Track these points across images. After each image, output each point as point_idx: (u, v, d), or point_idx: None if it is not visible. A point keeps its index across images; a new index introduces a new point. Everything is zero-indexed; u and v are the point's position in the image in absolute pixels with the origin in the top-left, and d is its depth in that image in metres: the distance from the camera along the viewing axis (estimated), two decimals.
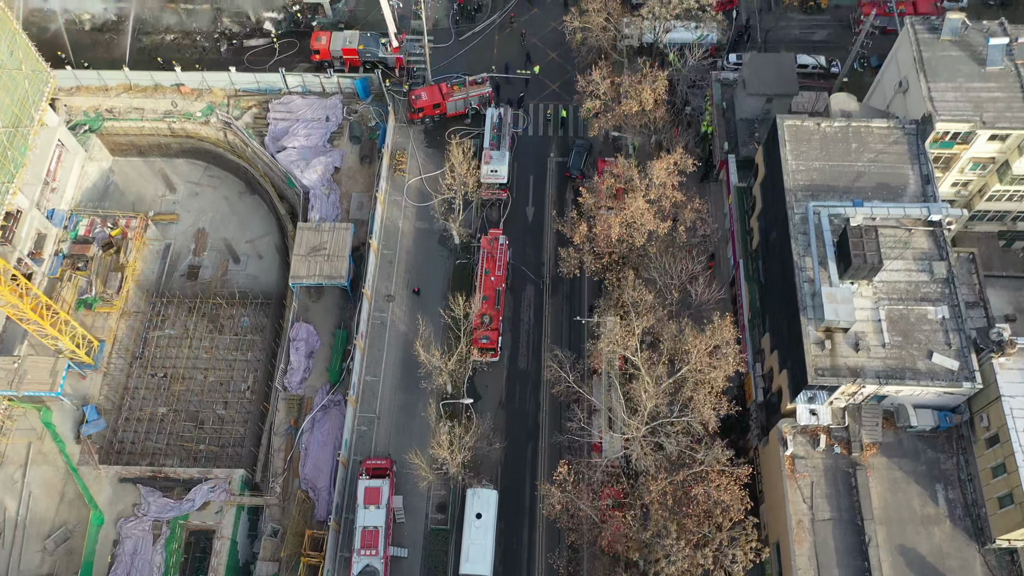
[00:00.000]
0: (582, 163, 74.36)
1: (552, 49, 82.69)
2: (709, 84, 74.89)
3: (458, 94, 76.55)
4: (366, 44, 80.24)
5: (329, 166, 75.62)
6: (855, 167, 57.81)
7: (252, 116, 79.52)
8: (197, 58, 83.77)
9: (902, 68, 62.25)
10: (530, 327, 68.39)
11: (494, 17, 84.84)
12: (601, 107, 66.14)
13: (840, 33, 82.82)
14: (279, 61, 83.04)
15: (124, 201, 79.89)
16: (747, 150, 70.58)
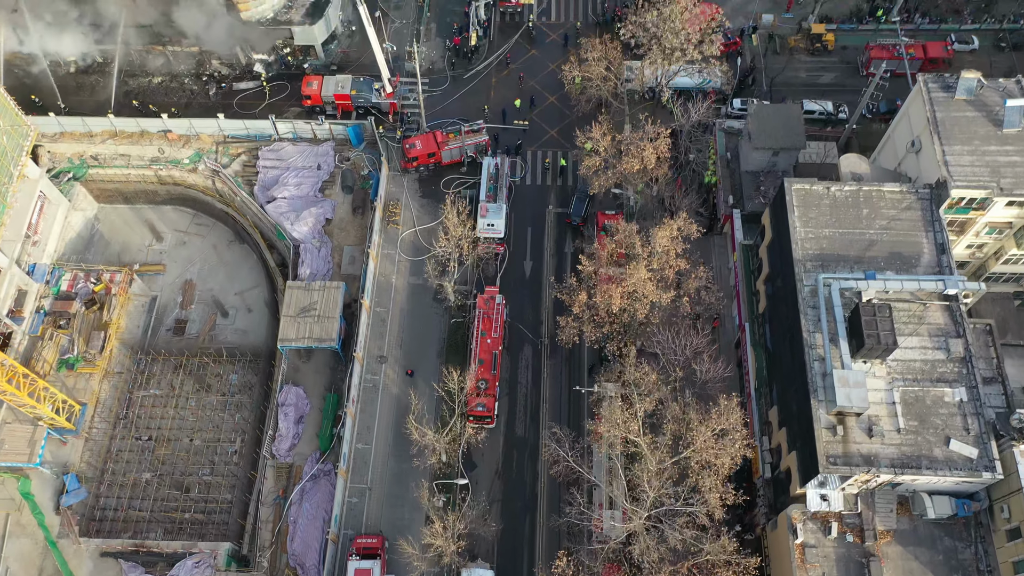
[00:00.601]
0: (583, 211, 71.85)
1: (551, 92, 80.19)
2: (713, 132, 72.55)
3: (453, 142, 74.09)
4: (359, 89, 77.80)
5: (320, 217, 73.14)
6: (867, 235, 55.33)
7: (241, 163, 77.09)
8: (185, 102, 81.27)
9: (915, 127, 59.79)
10: (528, 390, 65.90)
11: (491, 59, 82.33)
12: (601, 164, 63.64)
13: (848, 75, 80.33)
14: (269, 105, 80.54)
15: (109, 251, 77.47)
16: (753, 204, 68.16)
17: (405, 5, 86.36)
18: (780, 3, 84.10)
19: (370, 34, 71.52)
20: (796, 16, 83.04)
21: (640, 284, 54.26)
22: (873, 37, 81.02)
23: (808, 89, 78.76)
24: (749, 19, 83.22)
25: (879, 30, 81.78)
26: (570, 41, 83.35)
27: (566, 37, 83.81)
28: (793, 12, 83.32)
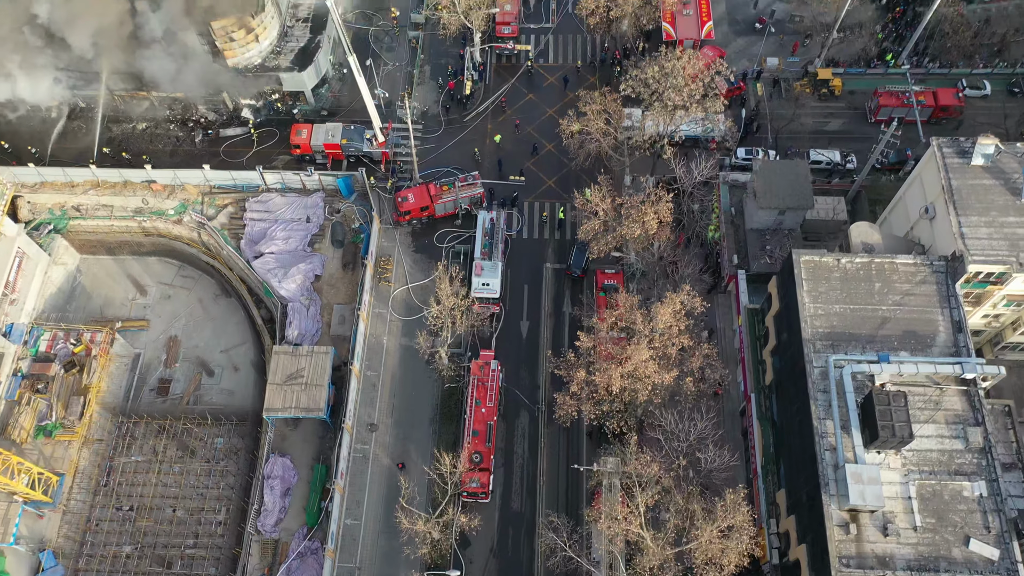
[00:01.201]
0: (584, 262, 69.15)
1: (549, 139, 77.51)
2: (716, 186, 69.94)
3: (447, 195, 71.47)
4: (349, 138, 75.14)
5: (309, 274, 70.48)
6: (879, 311, 52.66)
7: (228, 215, 74.42)
8: (171, 149, 78.66)
9: (928, 192, 57.15)
10: (524, 461, 63.22)
11: (486, 104, 79.65)
12: (601, 227, 60.98)
13: (855, 122, 77.67)
14: (257, 153, 77.89)
15: (91, 305, 74.78)
16: (759, 265, 65.53)
17: (398, 47, 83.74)
18: (785, 45, 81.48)
19: (360, 84, 68.90)
20: (802, 59, 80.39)
21: (641, 365, 51.59)
22: (882, 82, 78.31)
23: (814, 137, 76.07)
24: (753, 62, 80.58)
25: (887, 74, 79.15)
26: (570, 84, 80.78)
27: (566, 80, 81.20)
28: (799, 55, 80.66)
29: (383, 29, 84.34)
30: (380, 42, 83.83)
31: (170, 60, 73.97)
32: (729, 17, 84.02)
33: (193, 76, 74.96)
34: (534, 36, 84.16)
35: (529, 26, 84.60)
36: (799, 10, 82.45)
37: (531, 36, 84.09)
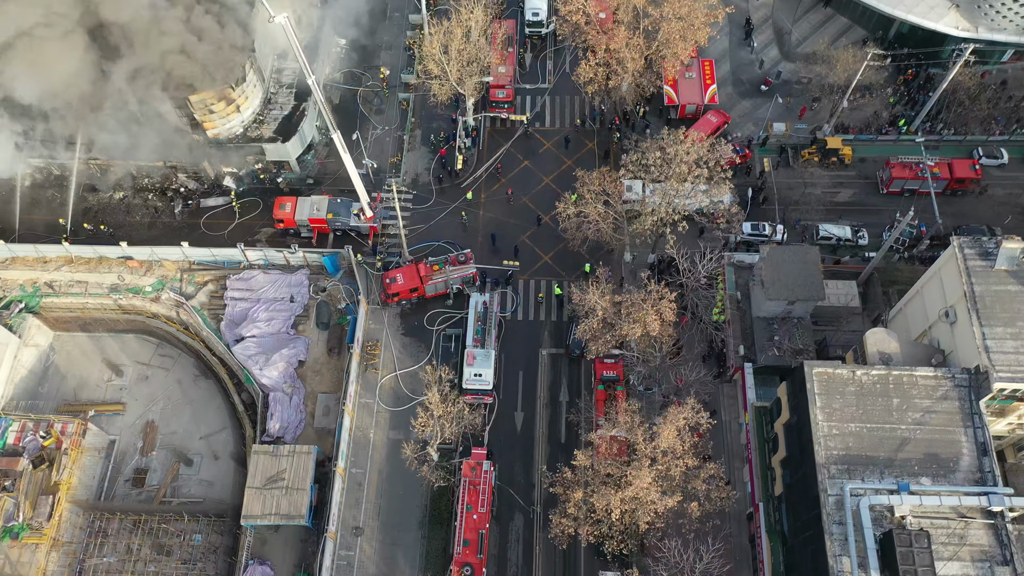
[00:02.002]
0: (583, 343, 65.52)
1: (545, 209, 73.91)
2: (721, 265, 66.41)
3: (438, 276, 67.91)
4: (336, 212, 71.63)
5: (293, 359, 66.89)
6: (898, 431, 49.10)
7: (208, 293, 70.81)
8: (149, 220, 75.08)
9: (948, 294, 53.61)
10: (518, 570, 59.64)
11: (480, 171, 76.10)
12: (599, 325, 57.42)
13: (866, 192, 74.16)
14: (240, 224, 74.38)
15: (65, 387, 71.18)
16: (766, 357, 62.00)
17: (388, 109, 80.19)
18: (792, 109, 77.97)
19: (346, 161, 65.49)
20: (810, 124, 76.83)
21: (643, 491, 48.03)
22: (893, 150, 74.87)
23: (823, 208, 72.53)
24: (759, 127, 77.12)
25: (899, 141, 75.64)
26: (571, 143, 77.33)
27: (567, 140, 77.72)
28: (807, 120, 77.12)
29: (372, 90, 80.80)
30: (369, 104, 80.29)
31: (146, 130, 70.35)
32: (734, 77, 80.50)
33: (170, 147, 71.41)
34: (530, 97, 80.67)
35: (524, 86, 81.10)
36: (806, 71, 78.90)
37: (526, 97, 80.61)
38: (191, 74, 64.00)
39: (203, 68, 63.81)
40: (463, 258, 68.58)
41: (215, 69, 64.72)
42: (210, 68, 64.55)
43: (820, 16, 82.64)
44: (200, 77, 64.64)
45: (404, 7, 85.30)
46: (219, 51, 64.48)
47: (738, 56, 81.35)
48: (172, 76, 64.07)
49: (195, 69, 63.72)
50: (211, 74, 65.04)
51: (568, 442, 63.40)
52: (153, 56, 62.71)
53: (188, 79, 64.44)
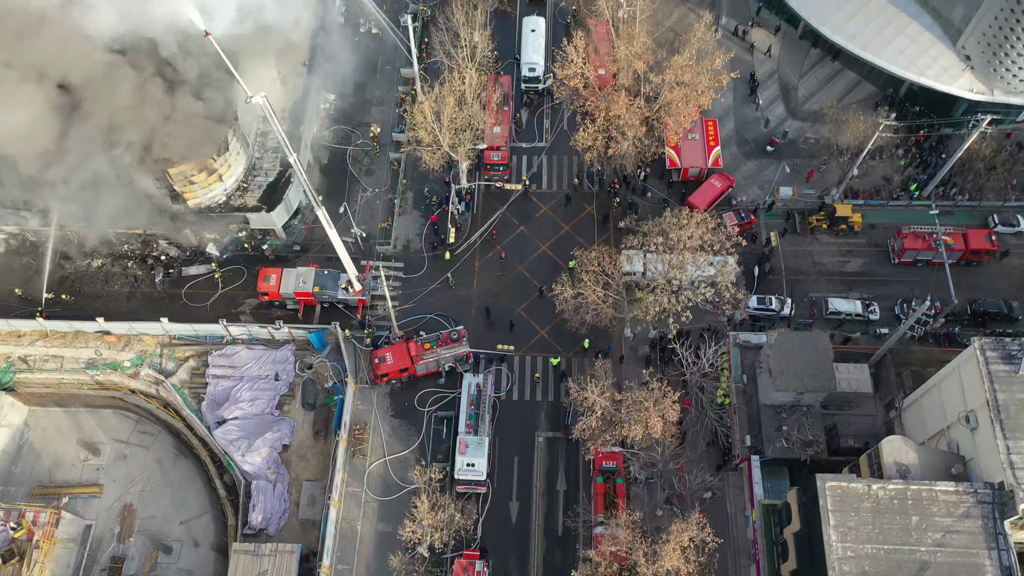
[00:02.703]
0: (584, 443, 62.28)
1: (541, 278, 70.83)
2: (726, 345, 63.30)
3: (429, 355, 64.80)
4: (323, 285, 68.51)
5: (277, 443, 63.76)
6: (917, 553, 45.97)
7: (189, 370, 67.63)
8: (128, 290, 71.89)
9: (969, 398, 50.45)
10: None
11: (474, 237, 72.95)
12: (598, 423, 54.31)
13: (878, 262, 71.00)
14: (224, 295, 71.23)
15: (39, 467, 67.88)
16: (774, 449, 58.87)
17: (379, 169, 77.05)
18: (799, 172, 74.84)
19: (332, 237, 62.40)
20: (818, 188, 73.71)
21: None
22: (905, 215, 71.84)
23: (832, 279, 69.44)
24: (764, 190, 74.05)
25: (911, 206, 72.56)
26: (570, 204, 74.27)
27: (567, 197, 74.63)
28: (814, 183, 73.97)
29: (362, 149, 77.69)
30: (359, 164, 77.16)
31: (122, 199, 67.16)
32: (738, 136, 77.36)
33: (149, 216, 68.27)
34: (526, 157, 77.54)
35: (521, 145, 77.98)
36: (813, 131, 75.93)
37: (523, 157, 77.48)
38: (169, 150, 60.80)
39: (182, 143, 60.61)
40: (456, 335, 65.47)
41: (195, 143, 61.58)
42: (190, 143, 61.38)
43: (828, 70, 79.50)
44: (179, 152, 61.48)
45: (395, 60, 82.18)
46: (199, 125, 61.29)
47: (743, 113, 78.25)
48: (149, 151, 60.87)
49: (173, 145, 60.51)
50: (191, 149, 61.90)
51: (565, 536, 60.35)
52: (128, 131, 59.45)
53: (166, 155, 61.28)
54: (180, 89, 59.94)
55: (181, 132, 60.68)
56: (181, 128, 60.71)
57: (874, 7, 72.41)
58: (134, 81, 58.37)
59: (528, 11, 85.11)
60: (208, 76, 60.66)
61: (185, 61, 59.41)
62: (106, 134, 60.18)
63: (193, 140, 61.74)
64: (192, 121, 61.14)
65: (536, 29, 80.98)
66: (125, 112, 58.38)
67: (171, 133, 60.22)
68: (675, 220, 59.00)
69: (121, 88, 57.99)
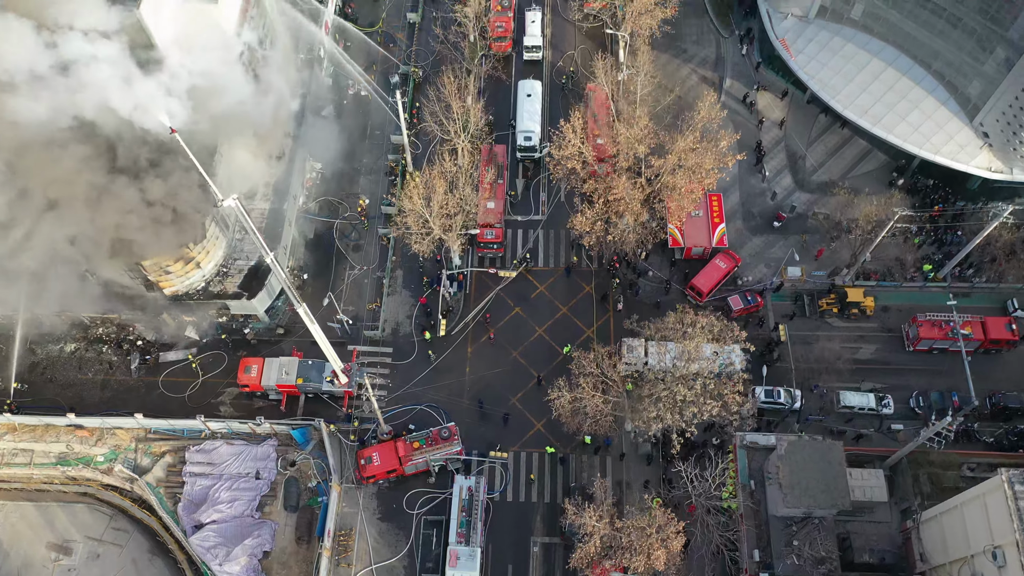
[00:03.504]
0: None
1: (537, 364, 67.37)
2: (732, 446, 59.84)
3: (418, 455, 61.30)
4: (307, 377, 64.93)
5: (257, 550, 60.19)
6: None
7: (165, 467, 64.13)
8: (102, 378, 68.33)
9: (995, 529, 46.96)
10: None
11: (466, 321, 69.38)
12: (596, 551, 50.76)
13: (891, 348, 67.43)
14: (204, 383, 67.67)
15: (8, 567, 64.29)
16: (784, 566, 55.30)
17: (367, 244, 73.53)
18: (808, 249, 71.34)
19: (315, 333, 58.69)
20: (827, 267, 70.21)
21: None
22: (919, 297, 68.44)
23: (844, 369, 65.77)
24: (771, 268, 70.60)
25: (926, 287, 69.08)
26: (568, 281, 70.82)
27: (568, 271, 71.18)
28: (824, 262, 70.44)
29: (350, 222, 74.17)
30: (346, 238, 73.64)
31: (92, 287, 63.80)
32: (744, 210, 73.85)
33: (122, 303, 64.86)
34: (521, 231, 74.01)
35: (516, 218, 74.45)
36: (823, 204, 72.55)
37: (518, 231, 73.95)
38: (140, 247, 57.33)
39: (154, 238, 57.11)
40: (446, 433, 61.95)
41: (170, 237, 58.08)
42: (163, 238, 57.87)
43: (837, 139, 76.01)
44: (151, 248, 58.01)
45: (385, 124, 78.65)
46: (174, 219, 57.76)
47: (748, 184, 74.77)
48: (119, 248, 57.36)
49: (145, 242, 57.01)
50: (164, 242, 58.40)
51: None
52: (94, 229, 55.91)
53: (137, 252, 57.85)
54: (150, 182, 56.22)
55: (153, 226, 57.08)
56: (153, 223, 57.11)
57: (886, 80, 69.03)
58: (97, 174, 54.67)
59: (524, 74, 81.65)
60: (181, 166, 57.09)
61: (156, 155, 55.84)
62: (70, 227, 56.55)
63: (167, 233, 58.18)
64: (166, 214, 57.52)
65: (532, 94, 77.54)
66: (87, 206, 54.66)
67: (142, 228, 56.59)
68: (678, 325, 55.48)
69: (82, 181, 54.33)
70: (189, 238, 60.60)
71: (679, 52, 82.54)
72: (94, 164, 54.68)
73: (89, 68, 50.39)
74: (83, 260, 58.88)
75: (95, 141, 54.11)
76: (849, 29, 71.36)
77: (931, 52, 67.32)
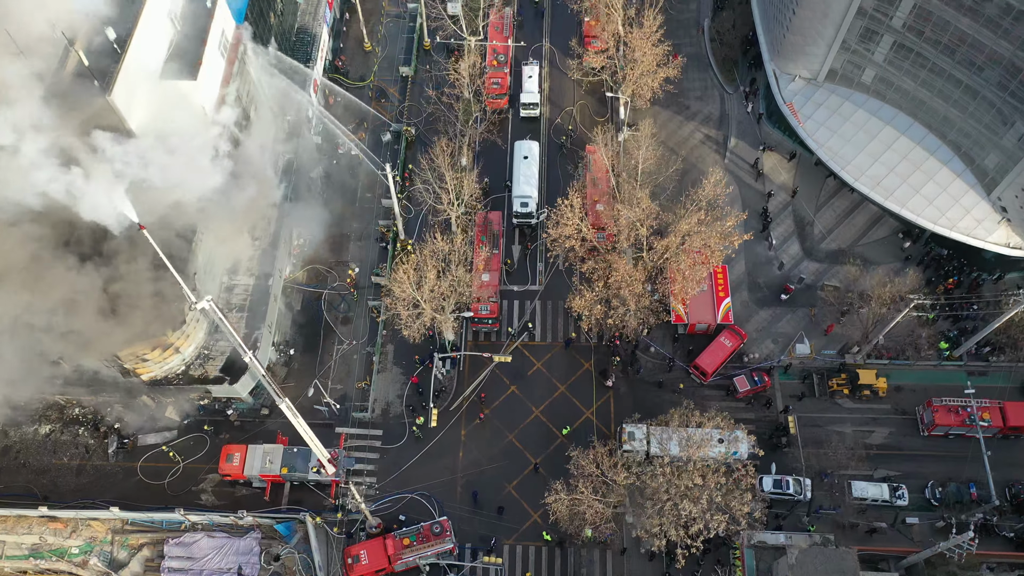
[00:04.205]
0: None
1: (534, 448, 64.31)
2: (740, 546, 56.75)
3: (409, 552, 58.26)
4: (291, 466, 61.91)
5: None
6: None
7: (142, 562, 61.01)
8: (77, 463, 65.21)
9: None
10: None
11: (460, 400, 66.31)
12: None
13: (904, 432, 64.29)
14: (184, 468, 64.56)
15: None
16: None
17: (356, 317, 70.44)
18: (818, 323, 68.20)
19: (299, 427, 55.57)
20: (838, 341, 67.10)
21: None
22: (933, 376, 65.40)
23: (855, 455, 62.57)
24: (778, 344, 67.52)
25: (940, 366, 66.00)
26: (566, 359, 67.77)
27: (567, 343, 68.10)
28: (834, 339, 67.28)
29: (339, 292, 71.10)
30: (335, 310, 70.55)
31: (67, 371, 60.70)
32: (749, 280, 70.70)
33: (97, 386, 61.77)
34: (517, 302, 70.91)
35: (512, 288, 71.36)
36: (833, 275, 69.49)
37: (514, 302, 70.85)
38: (114, 339, 54.25)
39: (128, 332, 54.03)
40: (438, 528, 58.93)
41: (145, 330, 54.99)
42: (139, 327, 54.78)
43: (846, 203, 72.85)
44: (126, 339, 54.92)
45: (375, 187, 75.55)
46: (151, 308, 54.66)
47: (754, 252, 71.60)
48: (93, 340, 54.27)
49: (118, 333, 53.91)
50: (141, 332, 55.32)
51: None
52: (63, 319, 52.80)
53: (112, 344, 54.79)
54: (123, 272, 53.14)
55: (127, 317, 54.00)
56: (128, 312, 54.03)
57: (899, 149, 65.95)
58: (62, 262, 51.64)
59: (520, 131, 78.61)
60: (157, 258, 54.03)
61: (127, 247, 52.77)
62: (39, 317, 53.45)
63: (142, 323, 55.08)
64: (141, 303, 54.43)
65: (529, 156, 74.43)
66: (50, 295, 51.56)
67: (115, 319, 53.50)
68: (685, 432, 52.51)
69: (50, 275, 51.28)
70: (167, 326, 57.47)
71: (681, 108, 79.48)
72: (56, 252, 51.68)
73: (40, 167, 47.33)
74: (53, 350, 55.59)
75: (57, 230, 51.20)
76: (860, 94, 68.28)
77: (946, 121, 64.25)
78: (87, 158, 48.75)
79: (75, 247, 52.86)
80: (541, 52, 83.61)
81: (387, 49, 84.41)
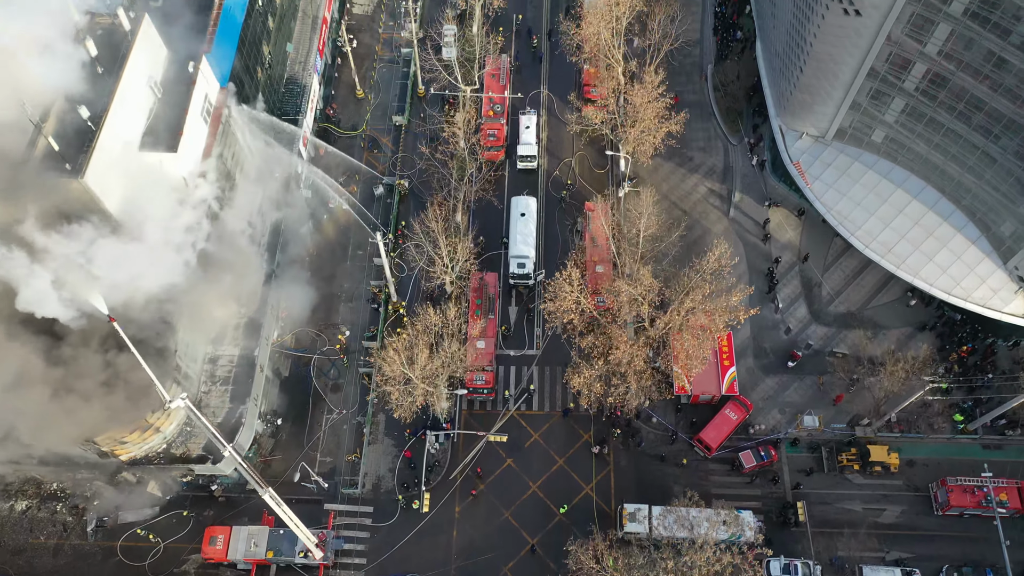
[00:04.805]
0: None
1: (531, 527, 61.69)
2: None
3: None
4: (277, 549, 59.31)
5: None
6: None
7: None
8: (55, 542, 62.45)
9: None
10: None
11: (454, 474, 63.67)
12: None
13: (918, 510, 61.77)
14: (166, 549, 61.88)
15: None
16: None
17: (347, 384, 67.79)
18: (826, 392, 65.60)
19: (283, 516, 53.02)
20: (847, 413, 64.52)
21: None
22: (947, 449, 62.93)
23: (866, 534, 60.06)
24: (784, 415, 64.99)
25: (954, 439, 63.45)
26: (565, 429, 65.20)
27: (566, 412, 65.53)
28: (843, 410, 64.68)
29: (328, 358, 68.45)
30: (324, 376, 67.90)
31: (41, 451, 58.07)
32: (755, 345, 68.07)
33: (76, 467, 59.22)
34: (514, 368, 68.32)
35: (508, 353, 68.76)
36: (841, 341, 66.89)
37: (510, 368, 68.28)
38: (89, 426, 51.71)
39: (106, 416, 51.49)
40: None
41: (121, 416, 52.40)
42: (116, 413, 52.22)
43: (855, 262, 70.20)
44: (103, 425, 52.36)
45: (366, 243, 72.81)
46: (127, 395, 52.08)
47: (760, 316, 68.31)
48: (66, 429, 51.67)
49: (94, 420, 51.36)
50: (118, 418, 52.75)
51: None
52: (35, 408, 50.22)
53: (87, 431, 52.22)
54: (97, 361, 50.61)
55: (102, 403, 51.42)
56: (103, 398, 51.46)
57: (911, 214, 63.36)
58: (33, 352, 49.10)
59: (517, 183, 76.01)
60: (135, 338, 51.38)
61: None
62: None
63: (119, 408, 52.51)
64: (117, 389, 51.85)
65: (526, 213, 71.76)
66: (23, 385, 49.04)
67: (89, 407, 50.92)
68: None
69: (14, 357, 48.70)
70: (146, 410, 54.83)
71: (684, 160, 76.85)
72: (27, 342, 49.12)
73: None
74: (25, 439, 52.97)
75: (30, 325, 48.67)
76: (870, 155, 65.67)
77: (961, 186, 61.66)
78: (51, 255, 46.14)
79: (43, 330, 50.13)
80: (539, 100, 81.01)
81: (380, 96, 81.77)
